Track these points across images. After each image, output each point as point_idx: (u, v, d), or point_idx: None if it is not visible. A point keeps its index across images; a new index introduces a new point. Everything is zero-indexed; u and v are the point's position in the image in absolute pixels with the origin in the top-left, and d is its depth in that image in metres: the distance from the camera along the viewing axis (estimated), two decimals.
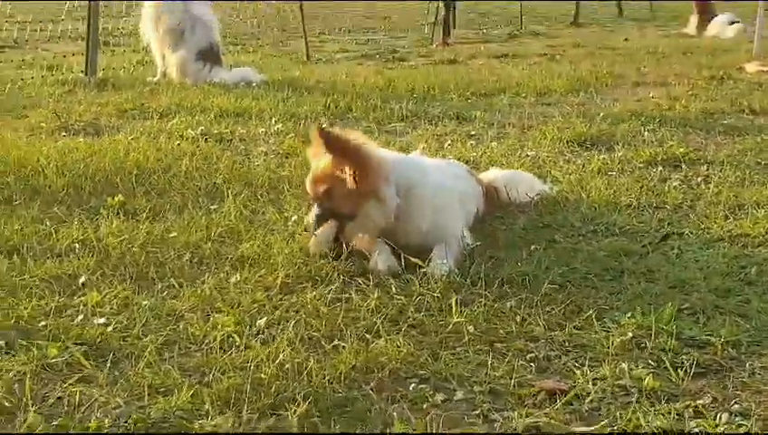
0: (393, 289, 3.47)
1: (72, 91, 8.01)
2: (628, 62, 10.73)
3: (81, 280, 3.52)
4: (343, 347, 2.99)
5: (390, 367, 2.88)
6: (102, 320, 3.17)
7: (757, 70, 9.89)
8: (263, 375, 2.79)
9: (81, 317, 3.20)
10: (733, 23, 14.66)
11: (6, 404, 2.64)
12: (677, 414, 2.64)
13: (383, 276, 3.62)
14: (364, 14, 17.89)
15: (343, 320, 3.19)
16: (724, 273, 3.75)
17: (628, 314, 3.25)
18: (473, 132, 6.53)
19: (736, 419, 2.63)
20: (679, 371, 2.90)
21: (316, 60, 11.58)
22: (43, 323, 3.15)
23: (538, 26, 16.60)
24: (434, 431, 2.53)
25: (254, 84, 8.50)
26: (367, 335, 3.09)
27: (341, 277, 3.59)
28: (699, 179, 5.23)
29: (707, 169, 5.44)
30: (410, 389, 2.78)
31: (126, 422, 2.58)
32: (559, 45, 13.09)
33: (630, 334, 3.10)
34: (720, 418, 2.62)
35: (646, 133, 6.42)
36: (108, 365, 2.87)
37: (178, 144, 5.77)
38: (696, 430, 2.56)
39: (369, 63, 11.15)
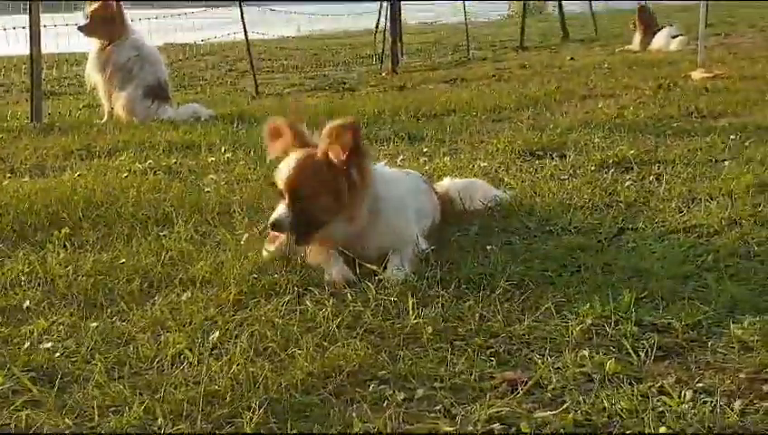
0: (349, 297, 3.40)
1: (18, 137, 7.87)
2: (576, 78, 10.82)
3: (26, 304, 3.42)
4: (299, 354, 2.91)
5: (348, 370, 2.81)
6: (49, 345, 3.06)
7: (702, 77, 10.02)
8: (217, 387, 2.71)
9: (27, 344, 3.09)
10: (675, 36, 14.87)
11: None
12: (642, 395, 2.60)
13: (339, 288, 3.55)
14: (312, 51, 17.92)
15: (298, 329, 3.12)
16: (681, 261, 3.74)
17: (587, 305, 3.21)
18: (425, 150, 6.49)
19: (701, 395, 2.59)
20: (641, 354, 2.87)
21: (266, 95, 11.54)
22: None
23: (485, 52, 16.71)
24: (394, 429, 2.46)
25: (203, 119, 8.43)
26: (323, 342, 3.02)
27: (296, 289, 3.52)
28: (651, 178, 5.24)
29: (659, 169, 5.46)
30: (370, 390, 2.71)
31: None
32: (506, 68, 13.18)
33: (590, 322, 3.06)
34: (685, 395, 2.58)
35: (596, 140, 6.44)
36: (56, 389, 2.76)
37: (126, 177, 5.68)
38: (662, 408, 2.52)
39: (319, 95, 11.13)
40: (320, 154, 3.66)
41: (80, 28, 8.73)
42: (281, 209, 3.65)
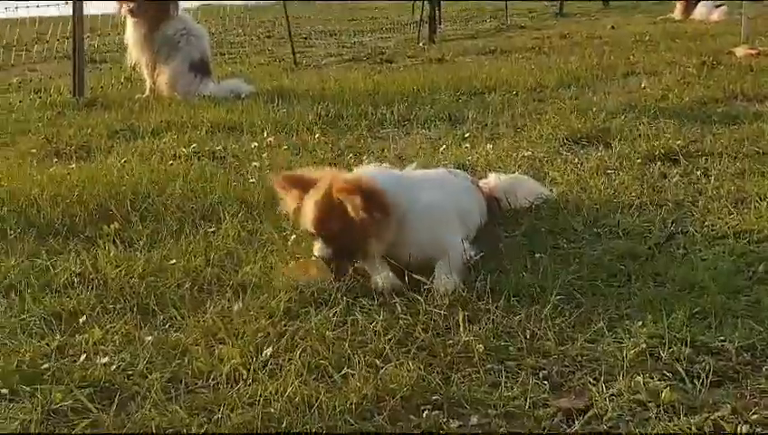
0: (398, 308, 3.40)
1: (62, 113, 7.93)
2: (617, 51, 10.72)
3: (82, 320, 3.44)
4: (352, 375, 2.93)
5: (402, 394, 2.82)
6: (106, 359, 3.09)
7: (746, 54, 9.87)
8: (272, 410, 2.74)
9: (83, 357, 3.13)
10: (718, 6, 14.66)
11: None
12: (698, 429, 2.59)
13: (387, 295, 3.56)
14: (349, 16, 17.82)
15: (350, 345, 3.12)
16: (733, 272, 3.70)
17: (640, 323, 3.19)
18: (466, 135, 6.46)
19: (757, 429, 2.58)
20: (695, 381, 2.85)
21: (304, 66, 11.51)
22: (45, 365, 3.07)
23: (523, 18, 16.53)
24: None
25: (243, 96, 8.43)
26: (376, 361, 3.02)
27: (345, 298, 3.52)
28: (699, 173, 5.17)
29: (706, 162, 5.40)
30: (423, 417, 2.72)
31: None
32: (545, 37, 13.04)
33: (643, 344, 3.04)
34: (740, 429, 2.57)
35: (641, 126, 6.37)
36: (114, 408, 2.80)
37: (171, 164, 5.71)
38: None
39: (357, 67, 11.07)
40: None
41: (130, 11, 8.66)
42: (319, 245, 3.74)
